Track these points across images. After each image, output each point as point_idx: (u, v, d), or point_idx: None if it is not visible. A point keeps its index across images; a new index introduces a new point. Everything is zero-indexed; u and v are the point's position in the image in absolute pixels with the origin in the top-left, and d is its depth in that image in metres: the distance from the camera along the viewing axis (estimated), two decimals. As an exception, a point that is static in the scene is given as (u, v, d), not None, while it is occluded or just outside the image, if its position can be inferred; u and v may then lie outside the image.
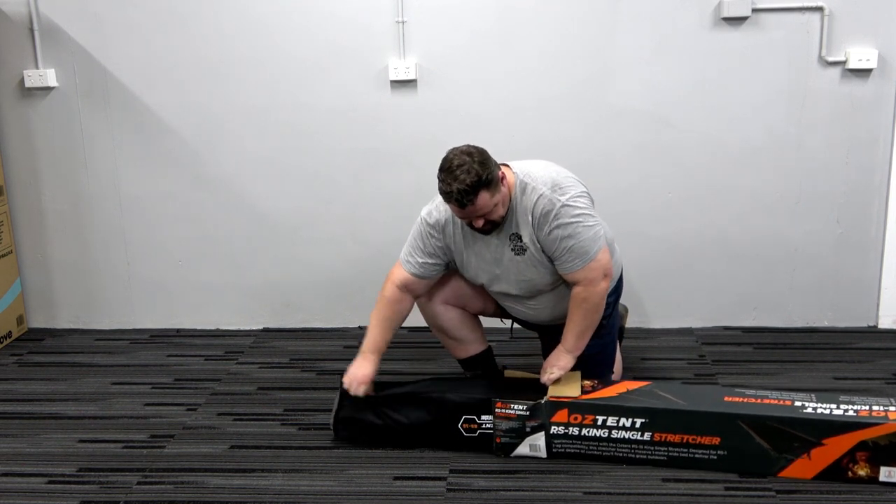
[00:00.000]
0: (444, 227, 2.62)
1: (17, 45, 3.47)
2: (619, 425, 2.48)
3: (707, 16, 3.26)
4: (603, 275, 2.52)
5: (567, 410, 2.51)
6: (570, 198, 2.48)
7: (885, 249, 3.42)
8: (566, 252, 2.49)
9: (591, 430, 2.51)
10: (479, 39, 3.35)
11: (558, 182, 2.50)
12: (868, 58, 3.23)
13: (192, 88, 3.47)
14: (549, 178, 2.50)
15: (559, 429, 2.53)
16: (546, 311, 2.71)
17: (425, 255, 2.65)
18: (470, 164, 2.37)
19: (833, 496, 2.36)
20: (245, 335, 3.67)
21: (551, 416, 2.52)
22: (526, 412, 2.53)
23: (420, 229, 2.66)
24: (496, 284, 2.67)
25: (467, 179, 2.35)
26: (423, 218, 2.66)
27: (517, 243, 2.55)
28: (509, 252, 2.57)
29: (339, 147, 3.49)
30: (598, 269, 2.51)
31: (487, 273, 2.64)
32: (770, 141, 3.36)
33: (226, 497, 2.44)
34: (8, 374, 3.36)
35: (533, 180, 2.50)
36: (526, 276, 2.60)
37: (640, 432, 2.47)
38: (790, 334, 3.49)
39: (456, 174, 2.37)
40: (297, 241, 3.62)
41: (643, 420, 2.47)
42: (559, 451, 2.55)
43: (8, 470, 2.62)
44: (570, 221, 2.46)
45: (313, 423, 2.85)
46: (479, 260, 2.63)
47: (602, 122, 3.38)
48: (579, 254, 2.48)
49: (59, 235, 3.68)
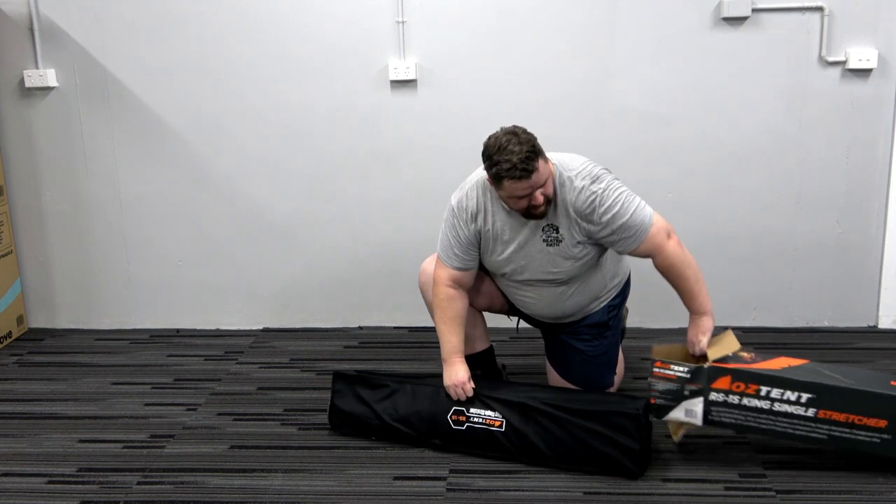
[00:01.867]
0: (475, 215, 2.60)
1: (17, 45, 3.47)
2: (783, 398, 2.41)
3: (707, 16, 3.27)
4: (667, 234, 2.54)
5: (730, 378, 2.44)
6: (607, 184, 2.50)
7: (885, 249, 3.43)
8: (623, 231, 2.50)
9: (753, 400, 2.43)
10: (479, 40, 3.35)
11: (594, 173, 2.51)
12: (868, 58, 3.23)
13: (192, 88, 3.47)
14: (585, 170, 2.52)
15: (719, 396, 2.45)
16: (562, 303, 2.70)
17: (463, 246, 2.62)
18: (519, 135, 2.38)
19: (833, 496, 2.36)
20: (245, 335, 3.67)
21: (713, 381, 2.45)
22: (687, 374, 2.46)
23: (453, 221, 2.62)
24: (519, 275, 2.66)
25: (524, 149, 2.35)
26: (453, 207, 2.63)
27: (552, 234, 2.55)
28: (540, 242, 2.57)
29: (339, 147, 3.50)
30: (661, 232, 2.53)
31: (513, 263, 2.63)
32: (770, 141, 3.36)
33: (226, 497, 2.44)
34: (8, 374, 3.36)
35: (571, 172, 2.51)
36: (556, 267, 2.60)
37: (804, 408, 2.41)
38: (790, 334, 3.49)
39: (510, 148, 2.35)
40: (297, 241, 3.62)
41: (810, 395, 2.40)
42: (716, 419, 2.47)
43: (8, 470, 2.62)
44: (614, 203, 2.48)
45: (313, 423, 2.85)
46: (507, 250, 2.61)
47: (602, 122, 3.38)
48: (637, 228, 2.50)
49: (59, 235, 3.69)
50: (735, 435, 2.65)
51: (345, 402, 2.75)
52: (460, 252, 2.63)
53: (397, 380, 2.74)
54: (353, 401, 2.74)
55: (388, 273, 3.60)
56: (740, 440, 2.65)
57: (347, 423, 2.75)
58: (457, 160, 3.18)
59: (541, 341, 2.97)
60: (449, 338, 2.67)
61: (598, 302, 2.76)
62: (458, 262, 2.64)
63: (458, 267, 2.65)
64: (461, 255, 2.63)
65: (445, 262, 2.66)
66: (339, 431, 2.77)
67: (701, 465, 2.53)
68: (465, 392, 2.62)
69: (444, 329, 2.67)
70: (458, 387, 2.62)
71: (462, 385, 2.62)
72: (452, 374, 2.64)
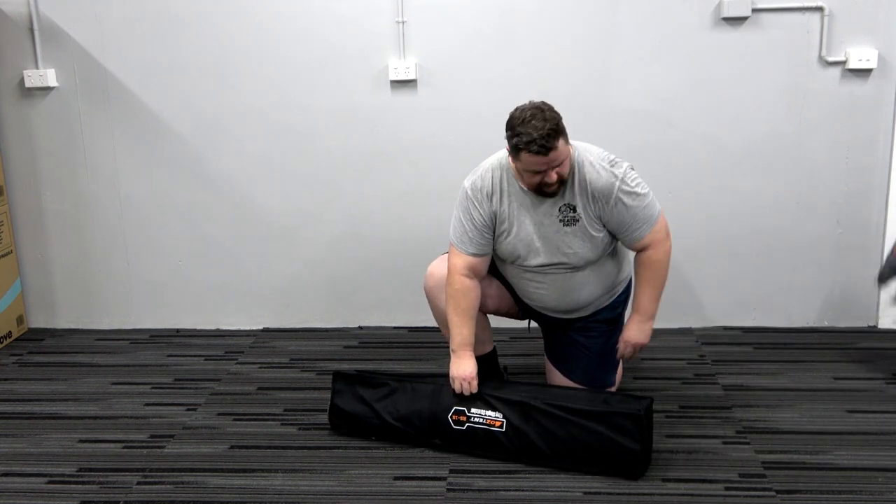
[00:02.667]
0: (490, 196, 2.60)
1: (17, 45, 3.47)
2: None
3: (707, 16, 3.27)
4: (666, 234, 2.63)
5: None
6: (625, 171, 2.55)
7: (885, 249, 3.42)
8: (633, 221, 2.56)
9: None
10: (479, 39, 3.35)
11: (612, 158, 2.58)
12: (868, 58, 3.23)
13: (192, 88, 3.47)
14: (603, 154, 2.58)
15: None
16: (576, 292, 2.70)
17: (477, 230, 2.62)
18: (546, 111, 2.42)
19: (833, 496, 2.36)
20: (245, 335, 3.67)
21: None
22: None
23: (467, 204, 2.62)
24: (533, 258, 2.64)
25: (547, 125, 2.38)
26: (466, 190, 2.62)
27: (569, 214, 2.56)
28: (557, 223, 2.58)
29: (339, 147, 3.50)
30: (663, 230, 2.62)
31: (527, 245, 2.62)
32: (770, 141, 3.36)
33: (226, 497, 2.44)
34: (8, 374, 3.36)
35: (591, 155, 2.56)
36: (571, 248, 2.60)
37: None
38: (790, 334, 3.49)
39: (534, 123, 2.38)
40: (297, 241, 3.62)
41: None
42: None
43: (8, 470, 2.62)
44: (630, 192, 2.54)
45: (313, 423, 2.85)
46: (521, 232, 2.61)
47: (602, 121, 3.38)
48: (645, 219, 2.57)
49: (59, 235, 3.69)
50: (735, 435, 2.66)
51: (345, 402, 2.75)
52: (475, 236, 2.62)
53: (397, 379, 2.74)
54: (353, 400, 2.74)
55: (388, 273, 3.60)
56: (740, 440, 2.65)
57: (348, 422, 2.75)
58: (457, 160, 3.18)
59: (540, 341, 2.97)
60: (461, 329, 2.64)
61: (608, 295, 2.77)
62: (474, 248, 2.63)
63: (473, 252, 2.63)
64: (476, 240, 2.62)
65: (460, 249, 2.65)
66: (339, 432, 2.77)
67: (701, 465, 2.53)
68: (470, 388, 2.60)
69: (457, 321, 2.65)
70: (464, 380, 2.60)
71: (469, 379, 2.60)
72: (461, 366, 2.62)
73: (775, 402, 2.91)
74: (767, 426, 2.74)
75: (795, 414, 2.82)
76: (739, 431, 2.71)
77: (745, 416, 2.80)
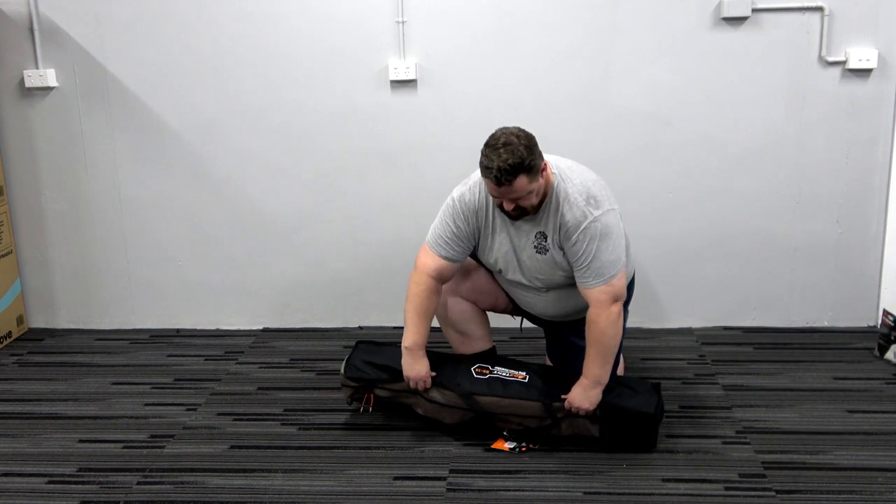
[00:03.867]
0: (476, 211, 2.60)
1: (17, 45, 3.47)
2: None
3: (707, 16, 3.26)
4: (612, 300, 2.50)
5: None
6: (602, 214, 2.47)
7: (885, 249, 3.42)
8: (584, 268, 2.49)
9: None
10: (479, 40, 3.35)
11: (593, 194, 2.49)
12: (868, 58, 3.23)
13: (193, 89, 3.47)
14: (585, 187, 2.50)
15: None
16: (556, 304, 2.71)
17: (457, 238, 2.62)
18: (516, 146, 2.35)
19: (833, 496, 2.36)
20: (245, 335, 3.67)
21: None
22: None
23: (452, 211, 2.62)
24: (512, 273, 2.67)
25: (510, 160, 2.33)
26: (455, 200, 2.63)
27: (541, 242, 2.55)
28: (531, 249, 2.58)
29: (339, 147, 3.49)
30: (609, 293, 2.49)
31: (507, 262, 2.64)
32: (770, 141, 3.36)
33: (226, 497, 2.44)
34: (8, 374, 3.36)
35: (571, 186, 2.50)
36: (542, 275, 2.62)
37: None
38: (790, 334, 3.49)
39: (500, 152, 2.35)
40: (297, 241, 3.62)
41: None
42: None
43: (8, 470, 2.62)
44: (594, 239, 2.46)
45: (313, 423, 2.85)
46: (502, 247, 2.62)
47: (602, 122, 3.38)
48: (596, 273, 2.49)
49: (59, 235, 3.69)
50: (734, 435, 2.66)
51: (364, 355, 2.85)
52: (453, 243, 2.63)
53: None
54: (371, 355, 2.84)
55: (388, 273, 3.60)
56: (740, 440, 2.65)
57: (364, 373, 2.80)
58: (456, 160, 3.18)
59: (541, 341, 2.98)
60: (418, 329, 2.67)
61: None
62: (447, 252, 2.64)
63: (445, 256, 2.65)
64: (452, 246, 2.63)
65: (433, 250, 2.66)
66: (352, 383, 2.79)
67: (701, 465, 2.53)
68: (425, 385, 2.69)
69: (416, 321, 2.67)
70: (421, 381, 2.68)
71: (424, 379, 2.68)
72: (417, 367, 2.68)
73: (775, 402, 2.91)
74: (767, 426, 2.74)
75: (795, 414, 2.82)
76: (739, 431, 2.71)
77: (745, 416, 2.80)
